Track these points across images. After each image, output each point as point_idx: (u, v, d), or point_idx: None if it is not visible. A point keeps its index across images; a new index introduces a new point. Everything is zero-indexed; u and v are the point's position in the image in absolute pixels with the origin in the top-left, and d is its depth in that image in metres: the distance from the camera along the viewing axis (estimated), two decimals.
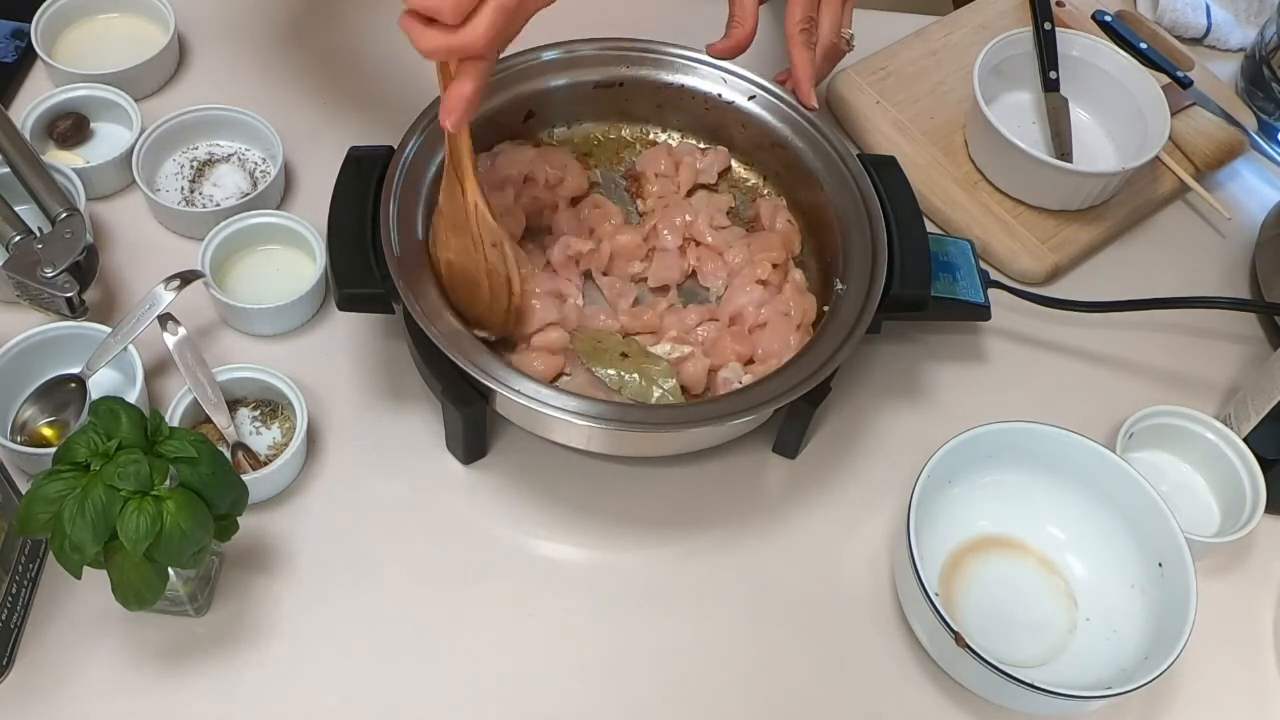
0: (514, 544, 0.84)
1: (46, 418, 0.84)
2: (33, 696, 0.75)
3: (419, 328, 0.77)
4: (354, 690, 0.77)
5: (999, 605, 0.83)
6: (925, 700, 0.80)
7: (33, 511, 0.66)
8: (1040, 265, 1.00)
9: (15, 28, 1.05)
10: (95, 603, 0.76)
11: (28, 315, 0.88)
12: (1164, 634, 0.77)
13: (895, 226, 0.87)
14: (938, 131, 1.07)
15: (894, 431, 0.92)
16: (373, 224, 0.81)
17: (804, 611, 0.83)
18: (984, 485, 0.85)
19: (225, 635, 0.78)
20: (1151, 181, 1.06)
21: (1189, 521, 0.86)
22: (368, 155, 0.85)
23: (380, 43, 1.08)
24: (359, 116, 1.03)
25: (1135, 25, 1.16)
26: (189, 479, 0.68)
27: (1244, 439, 0.88)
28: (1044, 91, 1.08)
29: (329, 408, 0.88)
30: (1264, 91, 1.13)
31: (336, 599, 0.80)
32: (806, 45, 0.92)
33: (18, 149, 0.91)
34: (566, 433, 0.81)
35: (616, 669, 0.80)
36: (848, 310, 0.83)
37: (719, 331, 0.86)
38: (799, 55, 0.91)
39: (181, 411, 0.83)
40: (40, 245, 0.86)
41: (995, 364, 0.97)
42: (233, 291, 0.91)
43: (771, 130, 0.93)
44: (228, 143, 1.00)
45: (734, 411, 0.78)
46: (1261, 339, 1.01)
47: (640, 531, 0.86)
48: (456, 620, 0.80)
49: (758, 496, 0.88)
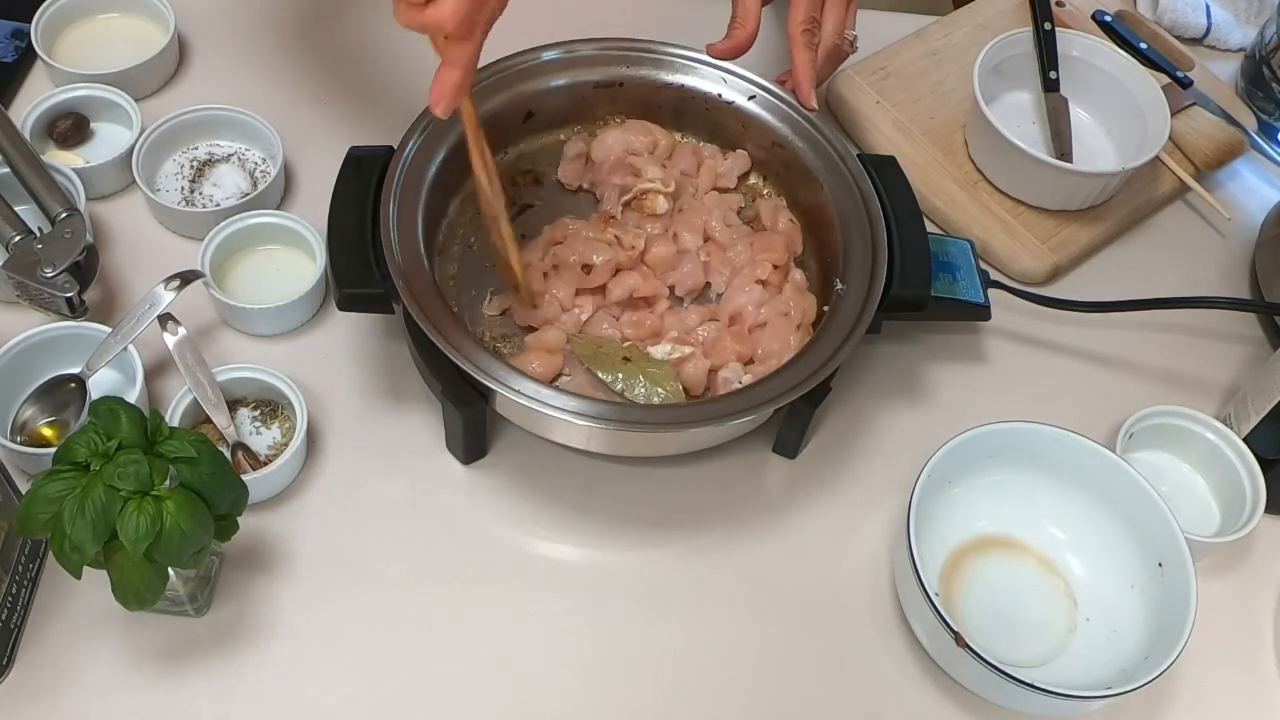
0: (514, 544, 0.84)
1: (46, 418, 0.84)
2: (33, 696, 0.75)
3: (419, 328, 0.77)
4: (354, 690, 0.77)
5: (999, 605, 0.83)
6: (925, 700, 0.80)
7: (33, 511, 0.66)
8: (1040, 265, 1.00)
9: (15, 28, 1.05)
10: (95, 603, 0.76)
11: (28, 315, 0.88)
12: (1164, 634, 0.77)
13: (895, 226, 0.87)
14: (938, 131, 1.07)
15: (894, 431, 0.92)
16: (373, 224, 0.81)
17: (804, 611, 0.83)
18: (984, 485, 0.85)
19: (225, 635, 0.78)
20: (1151, 181, 1.06)
21: (1189, 521, 0.86)
22: (368, 155, 0.85)
23: (380, 43, 1.08)
24: (359, 116, 1.03)
25: (1135, 25, 1.16)
26: (189, 479, 0.68)
27: (1244, 439, 0.88)
28: (1044, 91, 1.08)
29: (329, 408, 0.88)
30: (1264, 91, 1.13)
31: (336, 599, 0.80)
32: (808, 46, 0.92)
33: (18, 149, 0.91)
34: (566, 433, 0.81)
35: (616, 669, 0.80)
36: (848, 310, 0.83)
37: (719, 332, 0.86)
38: (800, 56, 0.91)
39: (181, 411, 0.83)
40: (40, 245, 0.86)
41: (995, 364, 0.97)
42: (233, 291, 0.91)
43: (771, 130, 0.93)
44: (228, 143, 1.00)
45: (734, 411, 0.78)
46: (1261, 339, 1.01)
47: (640, 531, 0.86)
48: (456, 620, 0.80)
49: (758, 496, 0.88)
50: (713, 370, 0.85)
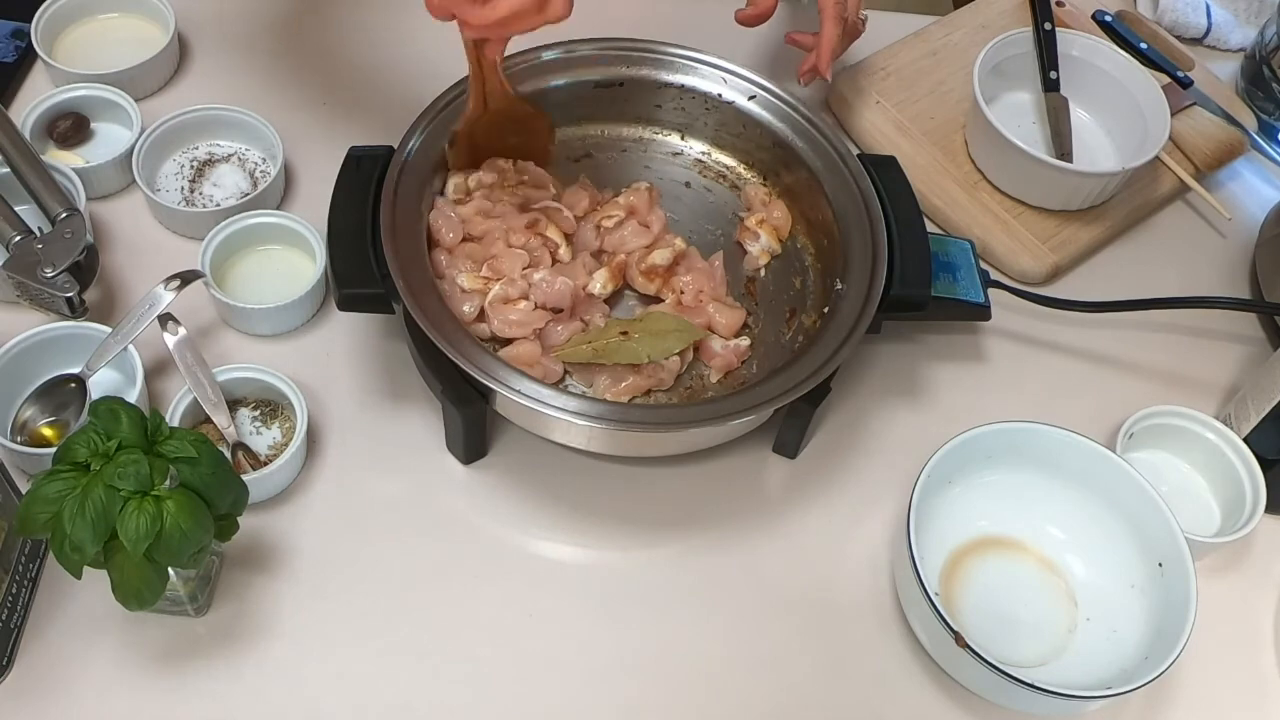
0: (514, 544, 0.84)
1: (46, 418, 0.84)
2: (33, 696, 0.75)
3: (419, 327, 0.77)
4: (354, 690, 0.77)
5: (999, 605, 0.83)
6: (925, 700, 0.80)
7: (33, 511, 0.66)
8: (1040, 265, 1.00)
9: (15, 28, 1.05)
10: (95, 603, 0.76)
11: (28, 315, 0.88)
12: (1164, 634, 0.77)
13: (895, 226, 0.87)
14: (938, 131, 1.07)
15: (894, 431, 0.92)
16: (373, 224, 0.81)
17: (804, 611, 0.83)
18: (984, 485, 0.85)
19: (225, 635, 0.78)
20: (1151, 181, 1.06)
21: (1189, 521, 0.86)
22: (368, 155, 0.85)
23: (380, 43, 1.08)
24: (359, 116, 1.03)
25: (1135, 25, 1.16)
26: (189, 479, 0.68)
27: (1244, 439, 0.88)
28: (1044, 91, 1.08)
29: (329, 408, 0.88)
30: (1264, 91, 1.13)
31: (336, 599, 0.80)
32: (839, 20, 0.93)
33: (18, 149, 0.91)
34: (566, 433, 0.81)
35: (616, 669, 0.80)
36: (848, 310, 0.83)
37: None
38: (831, 28, 0.94)
39: (181, 411, 0.83)
40: (40, 245, 0.86)
41: (995, 364, 0.97)
42: (233, 291, 0.91)
43: (771, 130, 0.93)
44: (228, 143, 1.00)
45: (734, 411, 0.78)
46: (1261, 339, 1.01)
47: (640, 531, 0.86)
48: (456, 620, 0.80)
49: (758, 496, 0.88)
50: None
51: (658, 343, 0.84)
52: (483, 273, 0.86)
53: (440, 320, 0.78)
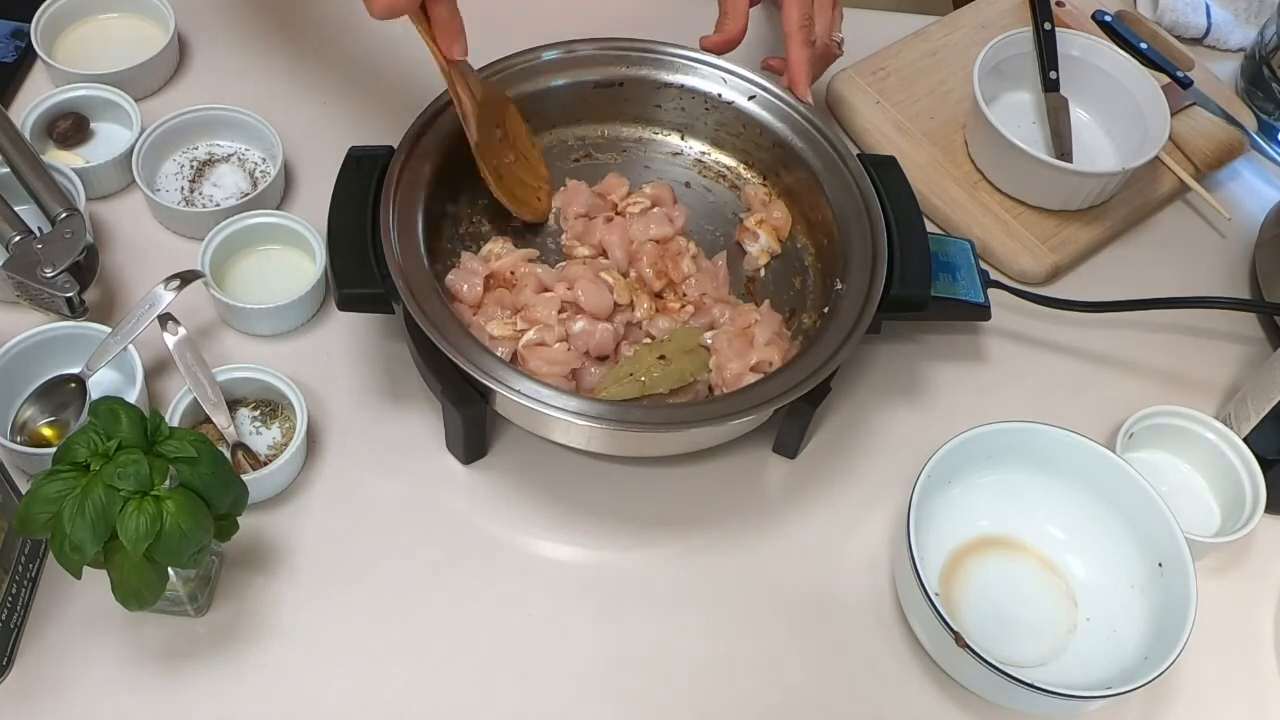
0: (514, 544, 0.84)
1: (46, 418, 0.84)
2: (33, 696, 0.75)
3: (419, 327, 0.77)
4: (354, 690, 0.77)
5: (999, 605, 0.83)
6: (925, 700, 0.80)
7: (33, 511, 0.66)
8: (1040, 265, 1.00)
9: (15, 28, 1.05)
10: (95, 603, 0.76)
11: (28, 315, 0.88)
12: (1164, 634, 0.77)
13: (895, 226, 0.87)
14: (938, 131, 1.07)
15: (893, 431, 0.92)
16: (373, 224, 0.81)
17: (804, 611, 0.83)
18: (984, 485, 0.85)
19: (225, 635, 0.78)
20: (1151, 181, 1.06)
21: (1189, 521, 0.86)
22: (368, 155, 0.85)
23: (380, 42, 1.08)
24: (359, 116, 1.03)
25: (1135, 25, 1.16)
26: (189, 479, 0.68)
27: (1244, 439, 0.88)
28: (1044, 91, 1.08)
29: (329, 408, 0.88)
30: (1264, 91, 1.13)
31: (336, 599, 0.80)
32: (806, 43, 0.92)
33: (18, 149, 0.91)
34: (566, 433, 0.81)
35: (616, 669, 0.80)
36: (848, 310, 0.83)
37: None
38: (798, 52, 0.92)
39: (181, 411, 0.83)
40: (40, 245, 0.86)
41: (995, 364, 0.97)
42: (233, 291, 0.91)
43: (771, 130, 0.93)
44: (228, 143, 1.00)
45: (734, 411, 0.78)
46: (1261, 339, 1.01)
47: (640, 531, 0.86)
48: (456, 620, 0.80)
49: (757, 496, 0.88)
50: None
51: (695, 359, 0.84)
52: (517, 324, 0.83)
53: (440, 320, 0.78)
